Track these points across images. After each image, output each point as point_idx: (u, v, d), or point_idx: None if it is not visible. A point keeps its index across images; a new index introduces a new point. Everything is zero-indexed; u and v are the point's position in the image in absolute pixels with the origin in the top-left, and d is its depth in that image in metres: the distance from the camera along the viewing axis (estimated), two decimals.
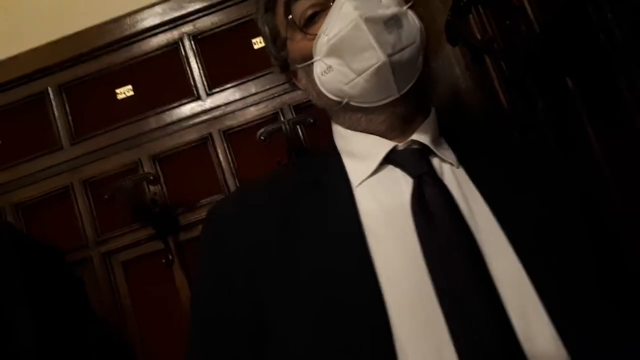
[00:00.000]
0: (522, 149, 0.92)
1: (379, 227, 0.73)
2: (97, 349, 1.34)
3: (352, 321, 0.66)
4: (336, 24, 0.74)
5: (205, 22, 1.63)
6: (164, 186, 1.56)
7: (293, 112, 1.54)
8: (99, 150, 1.61)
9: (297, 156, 1.41)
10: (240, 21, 1.61)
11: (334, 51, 0.76)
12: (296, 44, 0.83)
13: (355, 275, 0.69)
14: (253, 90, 1.57)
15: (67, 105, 1.65)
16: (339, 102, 0.80)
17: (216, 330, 0.78)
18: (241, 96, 1.58)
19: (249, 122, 1.57)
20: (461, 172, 0.79)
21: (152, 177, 1.44)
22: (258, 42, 1.60)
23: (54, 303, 1.27)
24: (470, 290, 0.66)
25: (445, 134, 0.85)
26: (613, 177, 0.90)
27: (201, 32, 1.62)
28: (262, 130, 1.39)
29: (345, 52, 0.75)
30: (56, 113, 1.65)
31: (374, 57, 0.72)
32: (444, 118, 0.88)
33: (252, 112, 1.57)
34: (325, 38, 0.76)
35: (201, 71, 1.61)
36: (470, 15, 1.17)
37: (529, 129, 1.11)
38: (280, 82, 1.52)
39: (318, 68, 0.79)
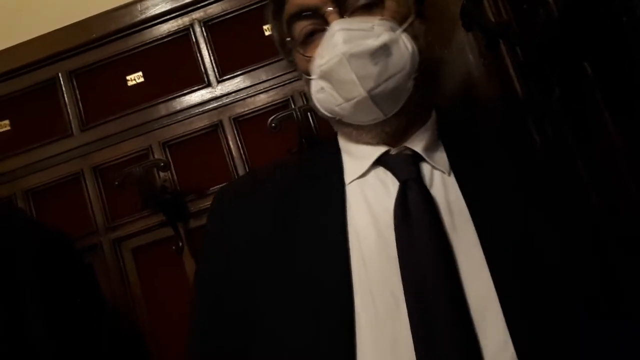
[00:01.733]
0: (532, 153, 0.92)
1: (362, 228, 0.76)
2: (107, 335, 1.34)
3: (319, 319, 0.70)
4: (326, 53, 0.76)
5: (215, 9, 1.61)
6: (174, 173, 1.55)
7: (304, 100, 1.52)
8: (109, 137, 1.60)
9: (308, 144, 1.40)
10: (251, 7, 1.59)
11: (325, 76, 0.78)
12: (298, 58, 0.85)
13: (331, 275, 0.72)
14: (264, 77, 1.56)
15: (77, 92, 1.65)
16: (333, 118, 0.83)
17: (212, 315, 0.82)
18: (252, 83, 1.57)
19: (260, 109, 1.55)
20: (451, 180, 0.80)
21: (162, 164, 1.43)
22: (269, 29, 1.58)
23: (65, 289, 1.27)
24: (435, 298, 0.68)
25: (447, 136, 0.86)
26: (632, 168, 0.88)
27: (212, 19, 1.61)
28: (272, 117, 1.38)
29: (333, 80, 0.77)
30: (66, 99, 1.64)
31: (355, 91, 0.75)
32: (451, 115, 0.88)
33: (263, 99, 1.56)
34: (319, 62, 0.78)
35: (211, 58, 1.59)
36: (485, 0, 1.15)
37: (544, 118, 1.09)
38: (291, 69, 1.50)
39: (314, 86, 0.81)
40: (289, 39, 0.84)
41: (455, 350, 0.66)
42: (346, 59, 0.73)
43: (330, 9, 0.77)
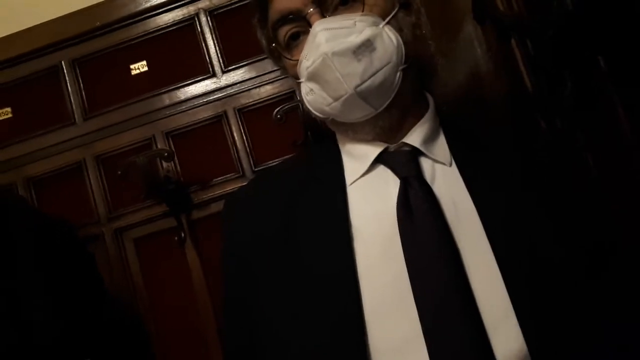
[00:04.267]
0: (540, 148, 0.91)
1: (366, 228, 0.76)
2: (109, 324, 1.33)
3: (329, 323, 0.71)
4: (311, 54, 0.76)
5: None
6: (177, 163, 1.55)
7: None
8: (112, 126, 1.59)
9: (313, 136, 1.39)
10: None
11: (312, 77, 0.78)
12: (286, 62, 0.85)
13: (337, 277, 0.72)
14: (269, 68, 1.54)
15: (80, 80, 1.63)
16: (326, 118, 0.83)
17: (234, 312, 0.84)
18: (257, 74, 1.56)
19: (265, 101, 1.54)
20: (454, 173, 0.79)
21: (166, 154, 1.42)
22: None
23: (66, 277, 1.26)
24: (445, 296, 0.68)
25: (449, 127, 0.85)
26: None
27: (217, 8, 1.60)
28: (278, 109, 1.37)
29: (320, 81, 0.77)
30: (69, 87, 1.63)
31: (342, 89, 0.74)
32: (454, 108, 0.87)
33: (268, 91, 1.55)
34: (305, 64, 0.78)
35: (217, 48, 1.58)
36: None
37: (555, 113, 1.08)
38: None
39: (303, 89, 0.81)
40: (274, 44, 0.83)
41: (469, 349, 0.66)
42: (329, 59, 0.73)
43: (312, 10, 0.77)
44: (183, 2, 1.60)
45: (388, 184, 0.79)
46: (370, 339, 0.69)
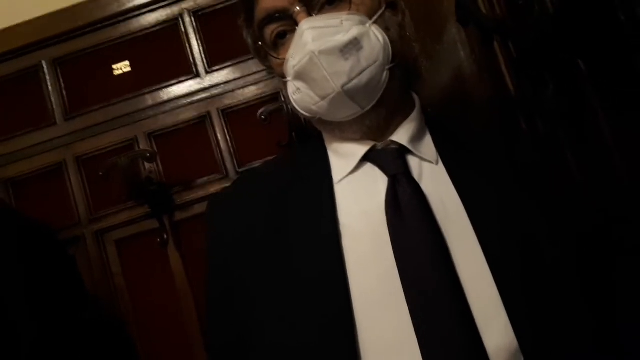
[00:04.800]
0: (523, 147, 0.92)
1: (354, 226, 0.76)
2: (91, 328, 1.31)
3: (318, 322, 0.70)
4: (297, 53, 0.76)
5: None
6: (160, 164, 1.53)
7: None
8: (93, 127, 1.58)
9: (298, 137, 1.38)
10: None
11: (299, 76, 0.77)
12: (272, 61, 0.85)
13: (326, 276, 0.72)
14: (254, 69, 1.54)
15: (61, 80, 1.62)
16: (313, 117, 0.82)
17: (218, 314, 0.84)
18: (241, 75, 1.55)
19: (249, 102, 1.54)
20: (441, 171, 0.80)
21: (148, 155, 1.41)
22: None
23: (48, 281, 1.24)
24: (436, 292, 0.68)
25: (434, 127, 0.85)
26: (626, 167, 0.88)
27: (202, 8, 1.59)
28: (262, 109, 1.37)
29: (307, 79, 0.77)
30: (50, 88, 1.61)
31: (329, 87, 0.74)
32: (439, 110, 0.87)
33: (253, 91, 1.54)
34: (292, 63, 0.77)
35: (201, 48, 1.57)
36: None
37: (536, 115, 1.09)
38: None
39: (290, 88, 0.81)
40: (260, 43, 0.83)
41: (460, 344, 0.66)
42: (316, 57, 0.73)
43: (298, 8, 0.76)
44: (167, 2, 1.59)
45: (376, 181, 0.78)
46: (360, 337, 0.68)
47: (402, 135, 0.81)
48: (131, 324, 1.48)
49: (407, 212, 0.74)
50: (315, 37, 0.73)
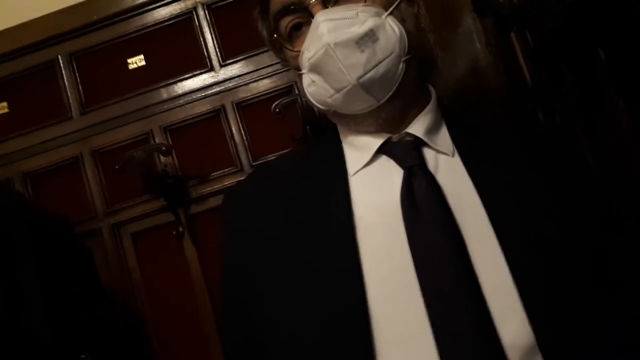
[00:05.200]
0: (540, 140, 0.90)
1: (369, 218, 0.75)
2: (106, 320, 1.33)
3: (333, 316, 0.69)
4: (313, 45, 0.75)
5: None
6: (175, 158, 1.54)
7: None
8: (109, 121, 1.59)
9: (312, 130, 1.38)
10: None
11: (314, 69, 0.77)
12: (287, 54, 0.84)
13: (341, 269, 0.71)
14: (267, 62, 1.54)
15: (77, 74, 1.63)
16: (328, 110, 0.82)
17: (234, 310, 0.83)
18: (255, 68, 1.55)
19: (263, 95, 1.54)
20: (457, 163, 0.78)
21: (164, 148, 1.42)
22: None
23: (63, 273, 1.25)
24: (452, 286, 0.67)
25: (451, 119, 0.84)
26: None
27: (215, 2, 1.59)
28: (276, 102, 1.37)
29: (322, 72, 0.76)
30: (66, 82, 1.62)
31: (344, 80, 0.74)
32: (454, 101, 0.86)
33: (266, 85, 1.54)
34: (307, 55, 0.77)
35: (215, 42, 1.57)
36: None
37: (554, 107, 1.08)
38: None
39: (305, 80, 0.80)
40: (275, 35, 0.82)
41: (476, 339, 0.65)
42: (332, 49, 0.72)
43: (313, 0, 0.75)
44: None
45: (391, 173, 0.77)
46: (375, 331, 0.68)
47: (417, 127, 0.80)
48: (146, 316, 1.50)
49: (422, 204, 0.73)
50: (330, 29, 0.73)
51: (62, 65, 1.63)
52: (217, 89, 1.56)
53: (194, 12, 1.59)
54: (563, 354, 0.64)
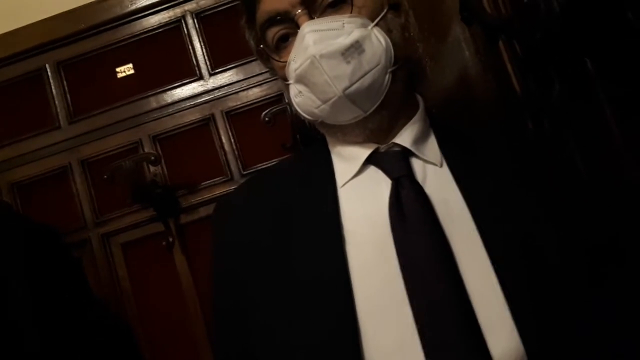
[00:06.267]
0: (529, 148, 0.91)
1: (358, 231, 0.75)
2: (96, 330, 1.31)
3: (323, 327, 0.70)
4: (299, 56, 0.75)
5: (208, 0, 1.59)
6: (164, 167, 1.53)
7: None
8: (98, 130, 1.58)
9: (302, 139, 1.38)
10: None
11: (301, 80, 0.77)
12: (274, 64, 0.84)
13: (330, 281, 0.72)
14: (257, 71, 1.54)
15: (65, 83, 1.62)
16: (315, 121, 0.82)
17: (225, 320, 0.84)
18: (245, 76, 1.55)
19: (253, 103, 1.54)
20: (445, 173, 0.79)
21: (153, 158, 1.41)
22: None
23: (53, 284, 1.24)
24: (441, 297, 0.67)
25: (439, 128, 0.85)
26: (635, 168, 0.87)
27: (204, 10, 1.59)
28: (266, 111, 1.36)
29: (308, 83, 0.76)
30: (54, 91, 1.61)
31: (330, 91, 0.73)
32: (443, 110, 0.86)
33: (256, 93, 1.54)
34: (293, 66, 0.77)
35: (204, 50, 1.57)
36: None
37: (543, 116, 1.08)
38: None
39: (292, 91, 0.80)
40: (262, 46, 0.82)
41: (464, 349, 0.65)
42: (317, 61, 0.72)
43: (300, 11, 0.75)
44: (169, 4, 1.59)
45: (379, 184, 0.78)
46: (365, 341, 0.68)
47: (405, 138, 0.80)
48: (137, 327, 1.48)
49: (410, 215, 0.73)
50: (316, 40, 0.73)
51: (49, 73, 1.62)
52: (206, 97, 1.55)
53: (182, 21, 1.58)
54: None
